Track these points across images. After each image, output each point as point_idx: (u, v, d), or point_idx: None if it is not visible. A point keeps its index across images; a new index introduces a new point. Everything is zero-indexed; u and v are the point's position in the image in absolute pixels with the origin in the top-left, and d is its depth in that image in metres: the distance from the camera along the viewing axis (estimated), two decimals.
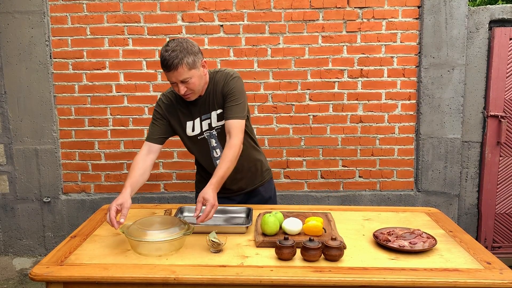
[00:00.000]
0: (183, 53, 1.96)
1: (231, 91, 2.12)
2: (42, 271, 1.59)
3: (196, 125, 2.20)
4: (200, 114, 2.18)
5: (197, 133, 2.21)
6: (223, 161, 2.00)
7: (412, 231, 1.87)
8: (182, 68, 1.95)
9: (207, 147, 2.23)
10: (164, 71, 2.00)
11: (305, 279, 1.54)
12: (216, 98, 2.14)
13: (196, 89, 2.05)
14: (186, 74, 1.98)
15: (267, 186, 2.46)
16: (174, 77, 1.98)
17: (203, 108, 2.17)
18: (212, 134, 2.20)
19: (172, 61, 1.94)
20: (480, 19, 3.27)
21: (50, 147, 3.35)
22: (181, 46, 1.97)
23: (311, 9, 3.23)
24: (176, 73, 1.96)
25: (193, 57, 1.99)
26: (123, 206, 1.88)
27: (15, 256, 3.49)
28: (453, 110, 3.29)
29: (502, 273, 1.58)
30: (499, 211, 3.47)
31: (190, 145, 2.29)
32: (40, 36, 3.23)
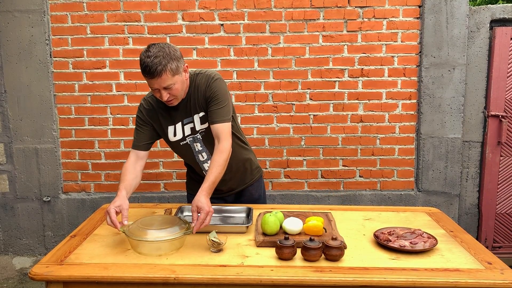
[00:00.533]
0: (167, 59, 1.88)
1: (214, 94, 2.05)
2: (42, 271, 1.59)
3: (178, 130, 2.14)
4: (181, 118, 2.13)
5: (179, 138, 2.16)
6: (213, 166, 1.95)
7: (413, 231, 1.87)
8: (166, 74, 1.88)
9: (190, 152, 2.19)
10: (146, 77, 1.91)
11: (306, 279, 1.54)
12: (198, 101, 2.08)
13: (178, 94, 1.99)
14: (169, 81, 1.90)
15: (257, 185, 2.44)
16: (157, 84, 1.91)
17: (184, 112, 2.11)
18: (196, 138, 2.15)
19: (156, 67, 1.85)
20: (481, 19, 3.26)
21: (50, 146, 3.34)
22: (163, 51, 1.89)
23: (312, 8, 3.23)
24: (160, 80, 1.89)
25: (176, 62, 1.92)
26: (122, 208, 1.86)
27: (15, 256, 3.49)
28: (453, 109, 3.29)
29: (503, 273, 1.58)
30: (500, 211, 3.46)
31: (175, 150, 2.27)
32: (40, 35, 3.22)
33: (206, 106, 2.08)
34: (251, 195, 2.41)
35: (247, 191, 2.40)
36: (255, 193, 2.43)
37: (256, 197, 2.43)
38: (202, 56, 3.27)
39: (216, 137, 2.04)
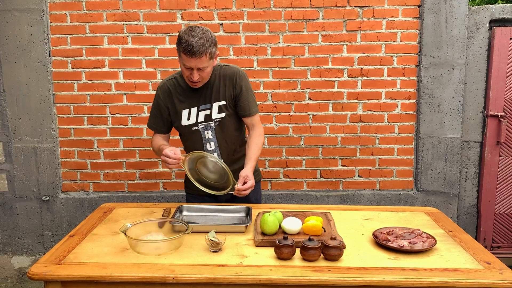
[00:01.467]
0: (209, 42, 2.01)
1: (246, 88, 2.22)
2: (40, 270, 1.59)
3: (192, 114, 2.21)
4: (198, 104, 2.20)
5: (192, 123, 2.22)
6: (255, 147, 2.19)
7: (412, 230, 1.87)
8: (205, 56, 2.00)
9: (200, 139, 2.24)
10: (185, 55, 2.00)
11: (305, 279, 1.54)
12: (224, 91, 2.19)
13: (206, 78, 2.11)
14: (205, 63, 2.03)
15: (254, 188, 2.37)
16: (194, 64, 2.01)
17: (203, 98, 2.19)
18: (209, 126, 2.21)
19: (199, 48, 1.96)
20: (480, 19, 3.26)
21: (49, 146, 3.34)
22: (207, 35, 2.01)
23: (311, 8, 3.23)
24: (199, 60, 1.99)
25: (214, 48, 2.06)
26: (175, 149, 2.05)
27: (13, 255, 3.48)
28: (453, 109, 3.29)
29: (502, 273, 1.58)
30: (499, 211, 3.47)
31: (184, 136, 2.32)
32: (39, 34, 3.22)
33: (233, 98, 2.20)
34: (248, 197, 2.39)
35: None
36: (251, 196, 2.41)
37: (252, 200, 2.43)
38: None
39: (251, 126, 2.26)
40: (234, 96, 2.21)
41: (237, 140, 2.34)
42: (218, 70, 2.21)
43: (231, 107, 2.24)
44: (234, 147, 2.33)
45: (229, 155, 2.30)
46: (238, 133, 2.34)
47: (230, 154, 2.31)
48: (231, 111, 2.24)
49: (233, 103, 2.23)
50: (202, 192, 2.23)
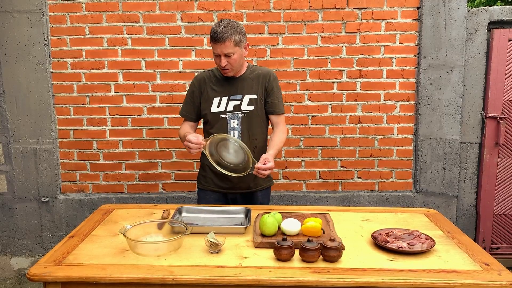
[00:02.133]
0: (233, 30, 2.20)
1: (277, 88, 2.42)
2: (40, 271, 1.59)
3: (223, 103, 2.35)
4: (230, 94, 2.35)
5: (221, 110, 2.35)
6: (279, 139, 2.35)
7: (411, 232, 1.87)
8: (229, 42, 2.18)
9: (225, 127, 2.36)
10: (212, 42, 2.22)
11: (304, 280, 1.54)
12: (257, 85, 2.36)
13: (235, 65, 2.26)
14: (230, 49, 2.19)
15: (265, 193, 2.52)
16: (220, 49, 2.19)
17: (235, 89, 2.35)
18: (236, 116, 2.35)
19: (222, 34, 2.17)
20: (479, 21, 3.27)
21: (48, 147, 3.34)
22: (232, 24, 2.22)
23: (310, 9, 3.23)
24: (223, 46, 2.18)
25: (240, 36, 2.23)
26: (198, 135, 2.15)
27: (13, 256, 3.48)
28: (451, 111, 3.30)
29: (500, 274, 1.58)
30: (498, 212, 3.47)
31: (211, 123, 2.40)
32: (39, 36, 3.22)
33: (264, 94, 2.38)
34: (258, 200, 2.47)
35: (255, 195, 2.46)
36: (262, 199, 2.49)
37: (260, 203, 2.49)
38: (201, 57, 3.27)
39: (276, 124, 2.42)
40: (265, 93, 2.38)
41: (260, 136, 2.43)
42: (252, 67, 2.42)
43: (261, 102, 2.39)
44: (256, 142, 2.42)
45: (250, 149, 2.28)
46: (262, 130, 2.45)
47: (251, 148, 2.32)
48: (260, 106, 2.39)
49: (264, 100, 2.39)
50: (215, 188, 2.41)
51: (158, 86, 3.31)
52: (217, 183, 2.44)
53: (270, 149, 2.30)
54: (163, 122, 3.35)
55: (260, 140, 2.43)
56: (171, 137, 3.37)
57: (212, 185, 2.46)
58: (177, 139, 3.36)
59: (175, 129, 3.35)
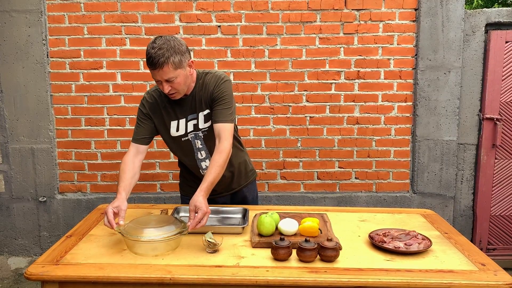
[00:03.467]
0: (170, 52, 1.90)
1: (221, 94, 2.07)
2: (37, 271, 1.59)
3: (181, 125, 2.15)
4: (186, 115, 2.13)
5: (182, 133, 2.16)
6: (212, 166, 1.96)
7: (408, 232, 1.88)
8: (167, 67, 1.90)
9: (191, 148, 2.19)
10: (149, 68, 1.94)
11: (301, 280, 1.55)
12: (205, 99, 2.10)
13: (180, 88, 2.00)
14: (171, 74, 1.92)
15: (251, 187, 2.45)
16: (159, 76, 1.93)
17: (189, 108, 2.13)
18: (197, 136, 2.16)
19: (158, 59, 1.88)
20: (476, 22, 3.28)
21: (46, 147, 3.34)
22: (168, 44, 1.91)
23: (309, 10, 3.24)
24: (162, 72, 1.91)
25: (179, 56, 1.93)
26: (120, 209, 1.86)
27: (10, 256, 3.48)
28: (449, 112, 3.31)
29: (496, 274, 1.59)
30: (494, 213, 3.49)
31: (173, 146, 2.24)
32: (37, 35, 3.22)
33: (211, 105, 2.09)
34: (245, 197, 2.42)
35: (241, 193, 2.41)
36: (249, 195, 2.43)
37: (250, 200, 2.44)
38: (199, 57, 3.27)
39: (218, 137, 2.06)
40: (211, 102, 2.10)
41: None
42: (202, 78, 2.12)
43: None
44: None
45: None
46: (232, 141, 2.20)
47: None
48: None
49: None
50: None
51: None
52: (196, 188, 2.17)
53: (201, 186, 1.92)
54: None
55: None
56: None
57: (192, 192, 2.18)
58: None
59: None
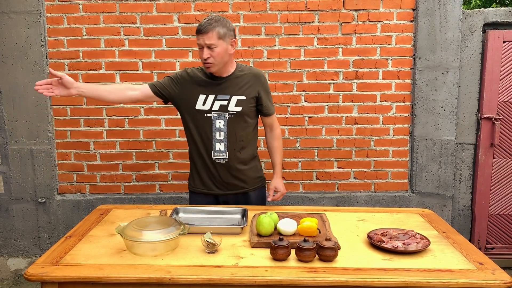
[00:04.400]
0: (218, 23, 2.16)
1: (268, 89, 2.39)
2: (37, 271, 1.59)
3: (208, 101, 2.28)
4: (217, 93, 2.28)
5: (206, 109, 2.28)
6: (278, 152, 2.47)
7: (406, 232, 1.89)
8: (212, 33, 2.14)
9: (209, 127, 2.29)
10: (196, 34, 2.18)
11: (300, 279, 1.55)
12: (245, 87, 2.29)
13: (217, 60, 2.18)
14: (213, 41, 2.14)
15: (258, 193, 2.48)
16: (202, 40, 2.15)
17: (223, 89, 2.28)
18: (222, 116, 2.28)
19: (206, 26, 2.14)
20: (474, 22, 3.29)
21: (45, 148, 3.34)
22: (219, 18, 2.20)
23: (307, 11, 3.25)
24: (205, 36, 2.14)
25: (225, 30, 2.18)
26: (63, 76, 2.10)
27: (9, 257, 3.48)
28: (447, 112, 3.32)
29: (494, 273, 1.60)
30: (493, 213, 3.49)
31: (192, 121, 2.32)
32: (36, 36, 3.23)
33: (256, 96, 2.32)
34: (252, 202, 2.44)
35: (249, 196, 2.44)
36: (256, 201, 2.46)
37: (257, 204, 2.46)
38: (198, 58, 3.28)
39: (270, 126, 2.46)
40: (257, 95, 2.32)
41: (246, 138, 2.35)
42: (241, 67, 2.35)
43: (250, 103, 2.31)
44: (242, 144, 2.34)
45: (235, 150, 2.32)
46: (249, 131, 2.37)
47: (236, 150, 2.33)
48: (248, 108, 2.31)
49: (254, 101, 2.33)
50: (205, 190, 2.38)
51: None
52: (207, 184, 2.38)
53: (276, 170, 2.48)
54: (160, 123, 3.36)
55: (246, 141, 2.36)
56: (168, 138, 3.37)
57: (202, 187, 2.40)
58: (174, 140, 3.37)
59: (172, 130, 3.36)
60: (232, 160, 2.31)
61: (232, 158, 2.31)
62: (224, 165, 2.32)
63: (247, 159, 2.38)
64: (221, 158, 2.31)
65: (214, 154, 2.31)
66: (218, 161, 2.32)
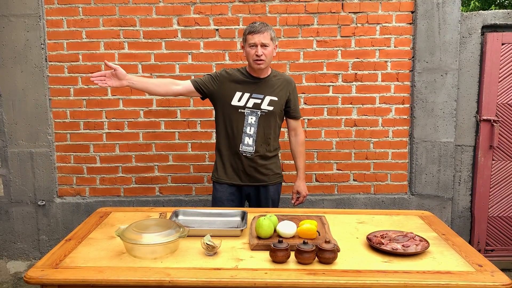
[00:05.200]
0: (270, 27, 2.45)
1: (297, 95, 2.64)
2: (37, 274, 1.60)
3: (244, 98, 2.47)
4: (252, 91, 2.48)
5: (241, 105, 2.48)
6: (302, 156, 2.70)
7: (405, 234, 1.89)
8: (267, 33, 2.40)
9: (242, 121, 2.49)
10: (251, 33, 2.39)
11: (299, 282, 1.55)
12: (278, 89, 2.52)
13: (267, 58, 2.41)
14: (267, 40, 2.39)
15: (276, 188, 2.67)
16: (258, 39, 2.37)
17: (258, 88, 2.49)
18: (255, 113, 2.49)
19: (262, 27, 2.39)
20: (472, 25, 3.30)
21: (45, 150, 3.34)
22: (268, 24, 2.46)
23: (306, 13, 3.26)
24: (262, 36, 2.38)
25: (274, 34, 2.46)
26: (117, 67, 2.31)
27: (9, 260, 3.48)
28: (446, 114, 3.33)
29: (493, 275, 1.60)
30: (492, 215, 3.50)
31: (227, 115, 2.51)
32: (36, 39, 3.23)
33: (285, 99, 2.55)
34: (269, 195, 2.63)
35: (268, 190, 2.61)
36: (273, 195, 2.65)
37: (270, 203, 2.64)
38: (197, 60, 3.29)
39: (295, 130, 2.68)
40: (287, 98, 2.55)
41: (272, 137, 2.57)
42: (275, 72, 2.59)
43: (281, 105, 2.54)
44: (268, 142, 2.55)
45: (262, 146, 2.53)
46: (276, 130, 2.60)
47: (263, 147, 2.54)
48: (278, 108, 2.53)
49: (284, 103, 2.56)
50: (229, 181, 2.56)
51: None
52: (231, 176, 2.56)
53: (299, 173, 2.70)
54: (159, 126, 3.37)
55: (272, 139, 2.57)
56: (167, 140, 3.38)
57: (226, 178, 2.58)
58: (173, 142, 3.37)
59: (171, 133, 3.37)
60: (257, 154, 2.50)
61: (257, 152, 2.51)
62: (249, 158, 2.52)
63: (270, 155, 2.58)
64: (247, 151, 2.51)
65: (242, 147, 2.51)
66: (245, 154, 2.51)
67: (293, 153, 2.73)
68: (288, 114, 2.63)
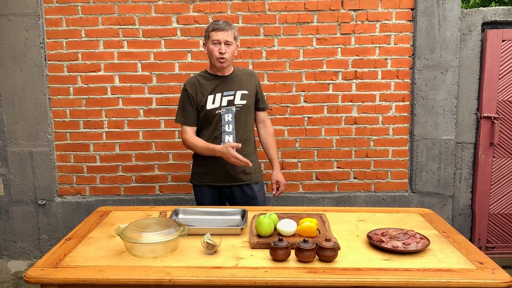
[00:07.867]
0: (233, 26, 2.49)
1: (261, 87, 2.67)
2: (37, 274, 1.60)
3: (217, 99, 2.50)
4: (223, 90, 2.51)
5: (216, 106, 2.49)
6: (273, 147, 2.72)
7: (406, 231, 1.89)
8: (231, 31, 2.44)
9: (220, 121, 2.51)
10: (214, 30, 2.42)
11: (300, 280, 1.55)
12: (245, 82, 2.56)
13: (229, 57, 2.45)
14: (231, 38, 2.43)
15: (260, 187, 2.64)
16: (222, 36, 2.40)
17: (227, 85, 2.53)
18: (230, 110, 2.51)
19: (226, 25, 2.43)
20: (473, 21, 3.29)
21: (45, 150, 3.34)
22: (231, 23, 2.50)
23: (306, 11, 3.25)
24: (226, 34, 2.41)
25: (237, 34, 2.51)
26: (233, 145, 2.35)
27: (9, 259, 3.48)
28: (446, 111, 3.32)
29: (494, 273, 1.60)
30: (493, 212, 3.49)
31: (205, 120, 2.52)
32: (35, 39, 3.23)
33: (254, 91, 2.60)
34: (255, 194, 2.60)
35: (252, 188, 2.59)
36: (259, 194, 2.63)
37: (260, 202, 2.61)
38: (196, 58, 3.28)
39: (263, 122, 2.70)
40: (255, 89, 2.60)
41: (250, 131, 2.61)
42: (237, 68, 2.63)
43: (252, 97, 2.58)
44: (246, 136, 2.58)
45: (241, 141, 2.54)
46: (251, 124, 2.63)
47: (242, 142, 2.54)
48: (250, 101, 2.57)
49: (254, 96, 2.60)
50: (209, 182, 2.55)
51: (155, 88, 3.32)
52: (211, 177, 2.56)
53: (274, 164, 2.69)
54: (159, 124, 3.36)
55: (249, 133, 2.60)
56: (167, 139, 3.38)
57: (207, 180, 2.57)
58: (173, 141, 3.37)
59: (171, 131, 3.36)
60: (239, 152, 2.44)
61: (238, 150, 2.45)
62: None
63: (250, 152, 2.60)
64: None
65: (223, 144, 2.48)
66: None
67: (265, 145, 2.73)
68: (257, 107, 2.65)
